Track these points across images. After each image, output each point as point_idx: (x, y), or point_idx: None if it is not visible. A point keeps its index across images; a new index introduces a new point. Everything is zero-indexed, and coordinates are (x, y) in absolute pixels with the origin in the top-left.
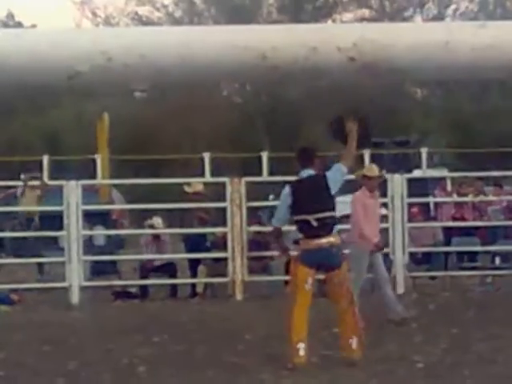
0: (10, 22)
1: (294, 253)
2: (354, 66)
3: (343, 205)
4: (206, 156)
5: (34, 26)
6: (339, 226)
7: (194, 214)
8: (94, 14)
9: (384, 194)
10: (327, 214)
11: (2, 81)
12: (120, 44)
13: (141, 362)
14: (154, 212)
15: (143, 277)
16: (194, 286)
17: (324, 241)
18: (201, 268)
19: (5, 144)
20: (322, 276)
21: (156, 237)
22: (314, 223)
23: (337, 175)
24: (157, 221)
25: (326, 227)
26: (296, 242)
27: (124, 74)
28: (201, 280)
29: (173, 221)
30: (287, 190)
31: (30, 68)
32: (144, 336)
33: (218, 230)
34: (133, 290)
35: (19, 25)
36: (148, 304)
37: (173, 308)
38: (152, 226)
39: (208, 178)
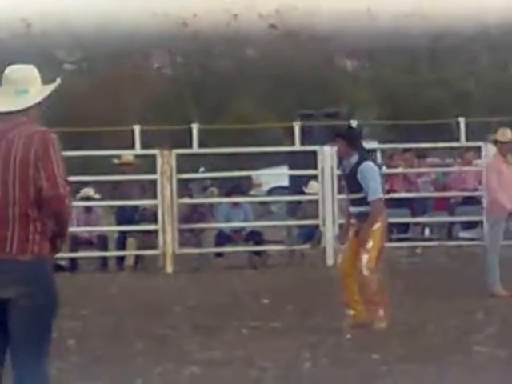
0: None
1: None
2: (275, 34)
3: (273, 177)
4: (136, 128)
5: None
6: (271, 198)
7: (129, 185)
8: None
9: (314, 167)
10: None
11: None
12: (39, 10)
13: (70, 334)
14: (84, 184)
15: (73, 249)
16: (122, 258)
17: None
18: (130, 240)
19: None
20: (257, 248)
21: (87, 208)
22: None
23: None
24: (90, 191)
25: None
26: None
27: (44, 41)
28: (131, 253)
29: (103, 193)
30: (377, 169)
31: None
32: (73, 309)
33: (149, 202)
34: (62, 262)
35: None
36: (78, 277)
37: (102, 280)
38: (88, 198)
39: (138, 150)
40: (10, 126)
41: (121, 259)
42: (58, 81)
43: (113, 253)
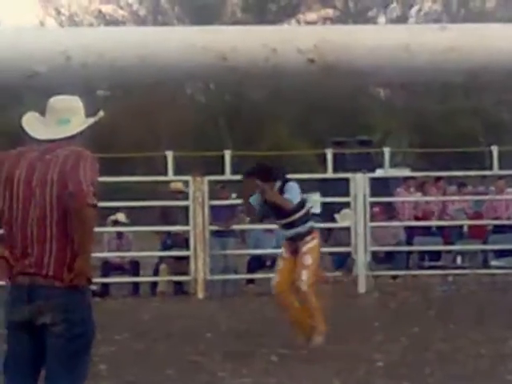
0: None
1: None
2: (313, 68)
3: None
4: (169, 154)
5: None
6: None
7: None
8: (58, 12)
9: (346, 194)
10: None
11: None
12: (79, 43)
13: (102, 360)
14: (117, 209)
15: (104, 274)
16: (156, 284)
17: None
18: (162, 266)
19: None
20: None
21: (119, 234)
22: None
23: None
24: (121, 216)
25: None
26: (310, 233)
27: (83, 73)
28: (163, 278)
29: (136, 218)
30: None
31: None
32: (105, 334)
33: (181, 228)
34: (94, 287)
35: None
36: (109, 302)
37: (134, 306)
38: (116, 222)
39: (171, 176)
40: (48, 148)
41: (154, 285)
42: (101, 113)
43: (144, 278)
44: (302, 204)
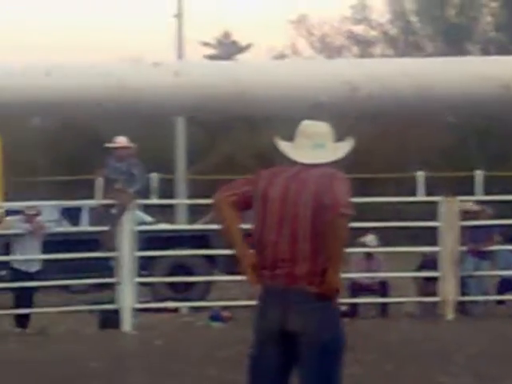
0: (226, 40)
1: None
2: None
3: None
4: (420, 175)
5: (249, 45)
6: None
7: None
8: (310, 33)
9: None
10: None
11: (241, 110)
12: (364, 74)
13: (352, 380)
14: (366, 230)
15: (353, 295)
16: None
17: None
18: (411, 287)
19: (224, 163)
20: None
21: (369, 255)
22: None
23: None
24: (370, 238)
25: None
26: None
27: (368, 104)
28: (411, 299)
29: (385, 238)
30: None
31: (272, 99)
32: (353, 354)
33: (430, 249)
34: (343, 308)
35: (234, 44)
36: (358, 322)
37: (383, 327)
38: (364, 244)
39: (420, 196)
40: (303, 169)
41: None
42: (352, 142)
43: (393, 299)
44: None
